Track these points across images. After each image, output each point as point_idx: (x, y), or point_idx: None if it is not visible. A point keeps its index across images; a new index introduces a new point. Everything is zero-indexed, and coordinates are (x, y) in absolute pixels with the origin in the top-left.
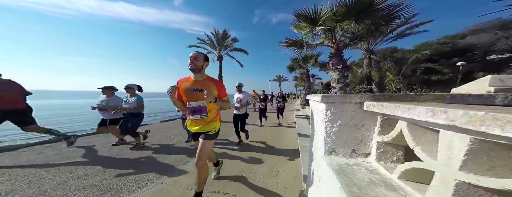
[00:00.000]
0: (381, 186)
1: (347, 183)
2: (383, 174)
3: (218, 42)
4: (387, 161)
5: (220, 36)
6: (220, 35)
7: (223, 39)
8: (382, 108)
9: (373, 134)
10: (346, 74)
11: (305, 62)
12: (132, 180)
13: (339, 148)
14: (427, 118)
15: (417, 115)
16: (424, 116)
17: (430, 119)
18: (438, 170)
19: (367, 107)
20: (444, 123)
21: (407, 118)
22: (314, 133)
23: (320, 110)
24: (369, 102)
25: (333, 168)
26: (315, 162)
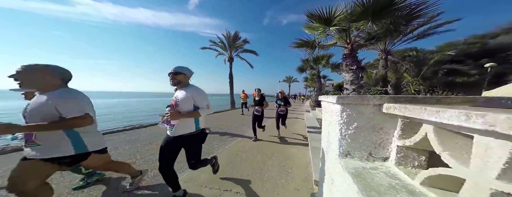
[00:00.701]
0: (401, 192)
1: (365, 187)
2: (404, 180)
3: (229, 44)
4: (408, 166)
5: (231, 38)
6: (231, 37)
7: (234, 41)
8: (404, 111)
9: (392, 137)
10: (361, 75)
11: (316, 63)
12: (150, 175)
13: (354, 151)
14: (460, 122)
15: (448, 118)
16: (456, 120)
17: (464, 123)
18: (470, 178)
19: (386, 109)
20: (481, 128)
21: (435, 121)
22: (327, 134)
23: (335, 111)
24: (389, 104)
25: (349, 171)
26: (328, 164)
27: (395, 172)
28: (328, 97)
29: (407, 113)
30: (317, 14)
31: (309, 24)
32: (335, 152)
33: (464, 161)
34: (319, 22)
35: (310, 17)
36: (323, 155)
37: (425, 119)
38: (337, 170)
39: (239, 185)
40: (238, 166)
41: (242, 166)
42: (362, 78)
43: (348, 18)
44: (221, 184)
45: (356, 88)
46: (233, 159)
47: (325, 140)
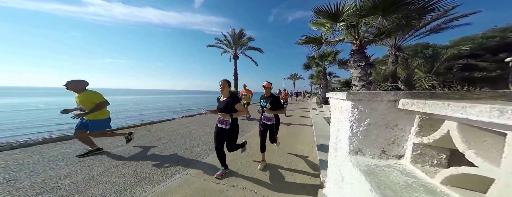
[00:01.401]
0: (419, 191)
1: (379, 185)
2: (422, 178)
3: (234, 41)
4: (425, 164)
5: (236, 35)
6: (236, 35)
7: (239, 38)
8: (424, 107)
9: (408, 134)
10: (369, 71)
11: (323, 59)
12: (161, 170)
13: (366, 148)
14: (492, 118)
15: (477, 114)
16: (486, 116)
17: (496, 119)
18: (501, 178)
19: (403, 105)
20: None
21: (459, 117)
22: (336, 131)
23: (345, 108)
24: (406, 100)
25: (360, 168)
26: (336, 161)
27: (411, 170)
28: (337, 94)
29: (427, 109)
30: (324, 10)
31: (316, 20)
32: (345, 149)
33: (493, 160)
34: (327, 17)
35: (317, 13)
36: (332, 152)
37: (448, 115)
38: (348, 168)
39: (245, 181)
40: (243, 162)
41: (248, 162)
42: (370, 75)
43: (357, 13)
44: (227, 180)
45: (364, 84)
46: (239, 156)
47: (334, 137)
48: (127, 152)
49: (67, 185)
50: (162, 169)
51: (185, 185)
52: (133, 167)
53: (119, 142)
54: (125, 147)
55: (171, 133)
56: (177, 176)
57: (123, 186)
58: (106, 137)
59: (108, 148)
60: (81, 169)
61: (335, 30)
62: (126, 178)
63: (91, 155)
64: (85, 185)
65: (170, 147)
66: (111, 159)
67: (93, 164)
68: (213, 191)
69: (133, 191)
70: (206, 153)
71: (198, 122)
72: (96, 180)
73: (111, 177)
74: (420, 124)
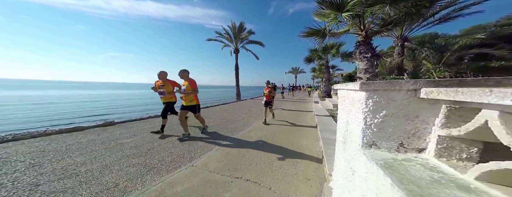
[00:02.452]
0: (450, 187)
1: (401, 180)
2: (450, 173)
3: (234, 35)
4: (452, 158)
5: (236, 29)
6: (236, 28)
7: (240, 32)
8: (455, 95)
9: (431, 126)
10: (376, 63)
11: (325, 52)
12: (168, 161)
13: (381, 141)
14: None
15: None
16: None
17: None
18: None
19: (426, 94)
20: None
21: (504, 105)
22: (344, 124)
23: (357, 99)
24: (429, 88)
25: (377, 162)
26: (346, 154)
27: (435, 164)
28: (348, 84)
29: (461, 97)
30: (328, 0)
31: (319, 11)
32: (357, 143)
33: None
34: (331, 8)
35: (320, 3)
36: (340, 146)
37: (488, 103)
38: (361, 161)
39: (248, 173)
40: (247, 155)
41: (251, 155)
42: (377, 66)
43: (363, 2)
44: (232, 172)
45: (370, 77)
46: (242, 149)
47: (342, 130)
48: (136, 143)
49: (84, 172)
50: (169, 160)
51: (192, 176)
52: (142, 158)
53: (127, 134)
54: (132, 138)
55: (176, 126)
56: (184, 168)
57: (134, 175)
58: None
59: (118, 139)
60: (95, 158)
61: (340, 21)
62: (137, 168)
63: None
64: (100, 172)
65: (174, 140)
66: (121, 149)
67: (104, 154)
68: (218, 183)
69: (143, 180)
70: (211, 145)
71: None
72: (109, 168)
73: (122, 166)
74: (447, 115)
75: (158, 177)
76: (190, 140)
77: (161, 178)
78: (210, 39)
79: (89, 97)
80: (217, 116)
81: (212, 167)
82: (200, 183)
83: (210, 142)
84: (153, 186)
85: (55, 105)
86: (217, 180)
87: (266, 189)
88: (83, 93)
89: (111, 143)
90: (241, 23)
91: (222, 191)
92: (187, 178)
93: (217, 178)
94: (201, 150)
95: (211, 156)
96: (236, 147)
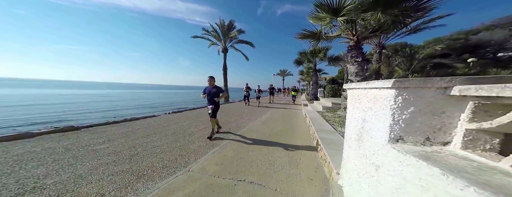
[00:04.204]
0: (495, 173)
1: (450, 169)
2: (484, 162)
3: (223, 33)
4: (477, 149)
5: (225, 27)
6: (225, 26)
7: (229, 30)
8: (499, 91)
9: (457, 121)
10: (366, 67)
11: (314, 56)
12: (159, 167)
13: (408, 136)
14: None
15: None
16: None
17: None
18: None
19: (460, 91)
20: None
21: None
22: (360, 122)
23: (384, 96)
24: (464, 85)
25: (413, 154)
26: (364, 151)
27: (465, 155)
28: (374, 82)
29: (496, 92)
30: (326, 4)
31: (315, 13)
32: (382, 138)
33: None
34: (327, 11)
35: (318, 6)
36: (352, 144)
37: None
38: (388, 156)
39: (251, 175)
40: (245, 157)
41: (250, 157)
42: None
43: (359, 7)
44: (233, 175)
45: (360, 79)
46: (239, 151)
47: (356, 128)
48: (114, 149)
49: (52, 185)
50: (160, 166)
51: (190, 181)
52: (125, 165)
53: (99, 139)
54: (108, 144)
55: (161, 130)
56: (179, 173)
57: (121, 183)
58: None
59: (89, 145)
60: (63, 168)
61: (334, 25)
62: (122, 176)
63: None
64: (74, 183)
65: (162, 144)
66: (96, 157)
67: (74, 164)
68: (221, 186)
69: (134, 188)
70: (204, 149)
71: (188, 118)
72: (86, 178)
73: (103, 175)
74: (474, 110)
75: (151, 184)
76: (182, 144)
77: (156, 185)
78: (195, 36)
79: (30, 98)
80: (206, 119)
81: (211, 171)
82: (201, 187)
83: (203, 146)
84: (149, 194)
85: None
86: (219, 183)
87: (272, 190)
88: (23, 93)
89: (80, 151)
90: (230, 21)
91: (227, 195)
92: (186, 183)
93: (219, 182)
94: (195, 154)
95: (208, 160)
96: (232, 150)
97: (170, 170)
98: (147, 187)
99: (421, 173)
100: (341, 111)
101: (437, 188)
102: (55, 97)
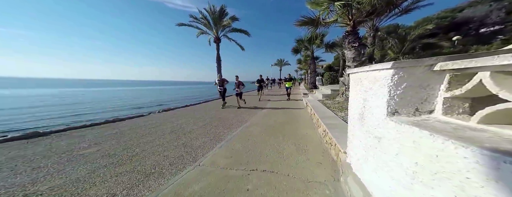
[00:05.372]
0: (466, 130)
1: (435, 130)
2: (458, 123)
3: (214, 21)
4: (454, 113)
5: (216, 13)
6: (216, 13)
7: (221, 18)
8: (462, 64)
9: (438, 91)
10: (363, 52)
11: (311, 43)
12: (167, 165)
13: (402, 109)
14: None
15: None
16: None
17: None
18: None
19: (440, 66)
20: None
21: (497, 65)
22: (361, 102)
23: (382, 76)
24: (444, 62)
25: (407, 123)
26: (367, 127)
27: (445, 120)
28: (376, 65)
29: (467, 64)
30: None
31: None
32: (381, 113)
33: None
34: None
35: None
36: (356, 123)
37: (486, 65)
38: (388, 127)
39: (262, 165)
40: (253, 149)
41: (258, 148)
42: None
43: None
44: (245, 166)
45: (357, 65)
46: (246, 143)
47: (358, 108)
48: (106, 152)
49: (48, 190)
50: (167, 163)
51: (204, 174)
52: (127, 166)
53: (84, 143)
54: (97, 147)
55: (155, 129)
56: (190, 168)
57: (130, 183)
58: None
59: (72, 150)
60: (51, 175)
61: (331, 10)
62: (128, 176)
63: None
64: (75, 187)
65: (162, 143)
66: (88, 161)
67: (63, 170)
68: (235, 177)
69: (146, 185)
70: (210, 144)
71: (184, 116)
72: (87, 182)
73: (106, 177)
74: (449, 81)
75: (164, 181)
76: (185, 141)
77: (169, 181)
78: (182, 24)
79: None
80: (204, 115)
81: (222, 164)
82: (216, 179)
83: (208, 142)
84: (165, 189)
85: None
86: (233, 175)
87: (285, 176)
88: None
89: (63, 156)
90: (222, 7)
91: (243, 184)
92: (200, 177)
93: (233, 173)
94: (201, 150)
95: (216, 154)
96: (239, 143)
97: (179, 166)
98: (160, 183)
99: (414, 137)
100: (339, 97)
101: (426, 146)
102: None
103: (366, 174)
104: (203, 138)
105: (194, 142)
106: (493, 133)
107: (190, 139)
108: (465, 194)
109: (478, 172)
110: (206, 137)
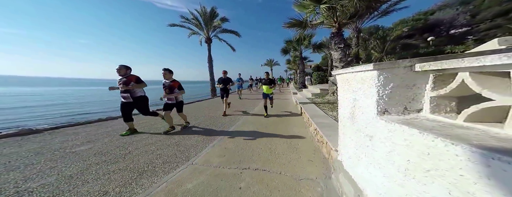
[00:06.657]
0: (453, 128)
1: (424, 129)
2: (446, 121)
3: (205, 22)
4: (441, 112)
5: (207, 14)
6: (207, 14)
7: (211, 19)
8: (441, 65)
9: (424, 91)
10: (348, 52)
11: (299, 43)
12: (160, 163)
13: (391, 108)
14: (503, 61)
15: (490, 61)
16: (498, 61)
17: (507, 61)
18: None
19: (420, 67)
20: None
21: (473, 66)
22: (351, 102)
23: (369, 77)
24: (421, 63)
25: (397, 122)
26: (358, 126)
27: (433, 118)
28: (358, 66)
29: (445, 66)
30: None
31: (300, 1)
32: (371, 112)
33: (505, 93)
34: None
35: None
36: (346, 122)
37: (462, 66)
38: (378, 126)
39: (254, 163)
40: (246, 148)
41: (250, 147)
42: (349, 56)
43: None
44: (238, 164)
45: (344, 65)
46: (239, 142)
47: (349, 107)
48: (99, 150)
49: (39, 187)
50: (160, 162)
51: (197, 173)
52: (120, 164)
53: (76, 141)
54: (90, 145)
55: (149, 128)
56: (183, 167)
57: (122, 180)
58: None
59: (65, 148)
60: (43, 172)
61: (317, 12)
62: (120, 173)
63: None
64: (67, 184)
65: (155, 141)
66: (81, 159)
67: (56, 166)
68: (228, 175)
69: (139, 183)
70: (202, 143)
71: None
72: (80, 179)
73: (98, 175)
74: (434, 81)
75: (157, 179)
76: (177, 140)
77: (162, 179)
78: (173, 25)
79: None
80: (197, 114)
81: (215, 162)
82: (209, 178)
83: (201, 140)
84: (158, 187)
85: None
86: (226, 173)
87: (277, 174)
88: None
89: (56, 154)
90: (212, 8)
91: (236, 182)
92: (192, 176)
93: (226, 172)
94: (194, 148)
95: (209, 153)
96: (232, 142)
97: (172, 165)
98: (153, 181)
99: (405, 135)
100: (329, 96)
101: (418, 143)
102: None
103: (358, 171)
104: (196, 137)
105: (187, 141)
106: (480, 130)
107: (182, 138)
108: (458, 190)
109: (470, 169)
110: (200, 135)
